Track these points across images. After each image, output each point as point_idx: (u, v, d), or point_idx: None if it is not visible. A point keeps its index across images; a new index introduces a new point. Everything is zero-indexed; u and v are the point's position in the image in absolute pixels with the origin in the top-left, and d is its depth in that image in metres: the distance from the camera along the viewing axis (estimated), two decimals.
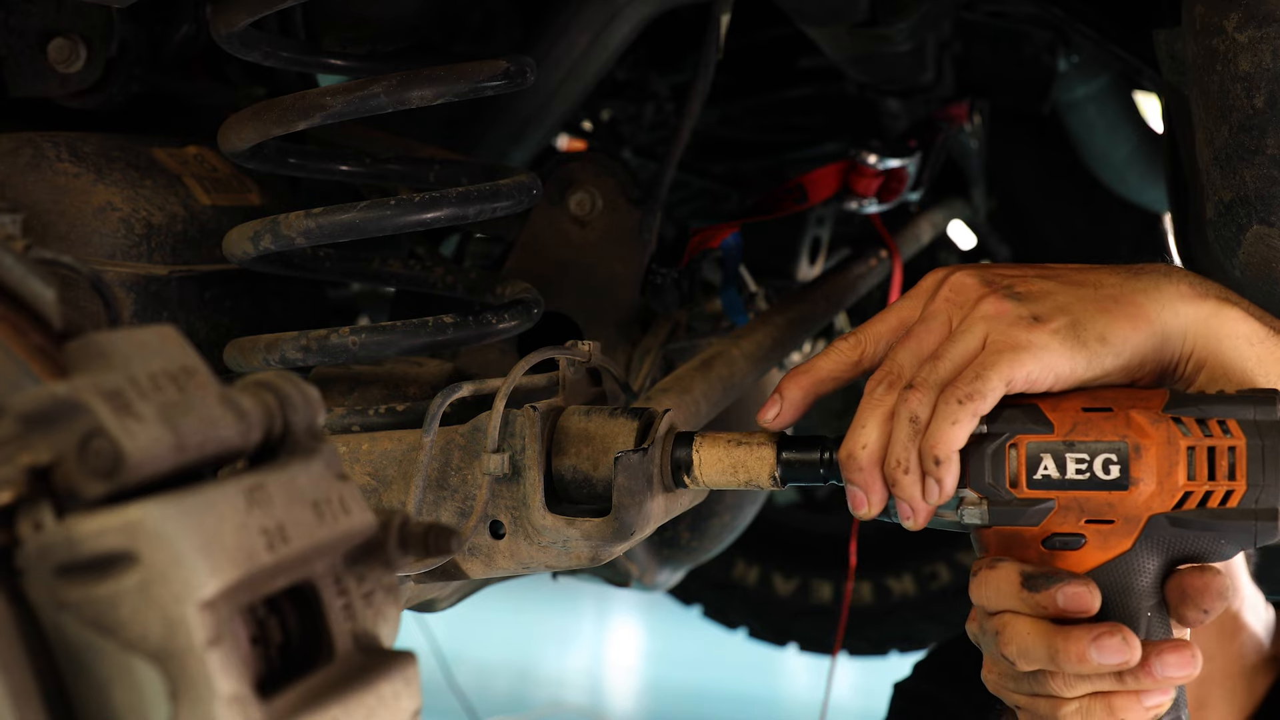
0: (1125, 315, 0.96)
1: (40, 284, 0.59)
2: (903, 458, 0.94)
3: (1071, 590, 0.89)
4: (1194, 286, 0.98)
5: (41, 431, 0.51)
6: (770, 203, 1.73)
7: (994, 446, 0.92)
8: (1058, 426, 0.92)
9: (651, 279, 1.44)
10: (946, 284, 1.00)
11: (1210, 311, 0.97)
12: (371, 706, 0.56)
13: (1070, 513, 0.92)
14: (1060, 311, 0.96)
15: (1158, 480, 0.91)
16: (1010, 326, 0.94)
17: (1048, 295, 0.97)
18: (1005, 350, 0.93)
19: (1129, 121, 2.28)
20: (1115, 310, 0.96)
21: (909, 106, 2.20)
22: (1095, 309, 0.96)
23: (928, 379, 0.94)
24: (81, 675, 0.50)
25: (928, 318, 0.99)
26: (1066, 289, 0.98)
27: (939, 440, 0.92)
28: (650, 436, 1.00)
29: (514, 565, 1.02)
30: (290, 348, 1.10)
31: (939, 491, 0.92)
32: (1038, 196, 2.52)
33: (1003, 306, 0.96)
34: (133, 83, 1.28)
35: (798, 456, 0.99)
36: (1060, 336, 0.94)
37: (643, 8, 1.57)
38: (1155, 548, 0.92)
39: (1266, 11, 1.04)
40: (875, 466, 0.95)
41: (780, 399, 1.00)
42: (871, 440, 0.95)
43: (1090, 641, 0.88)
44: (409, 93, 1.07)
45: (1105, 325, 0.95)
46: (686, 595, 2.94)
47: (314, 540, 0.56)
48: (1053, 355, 0.94)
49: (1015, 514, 0.93)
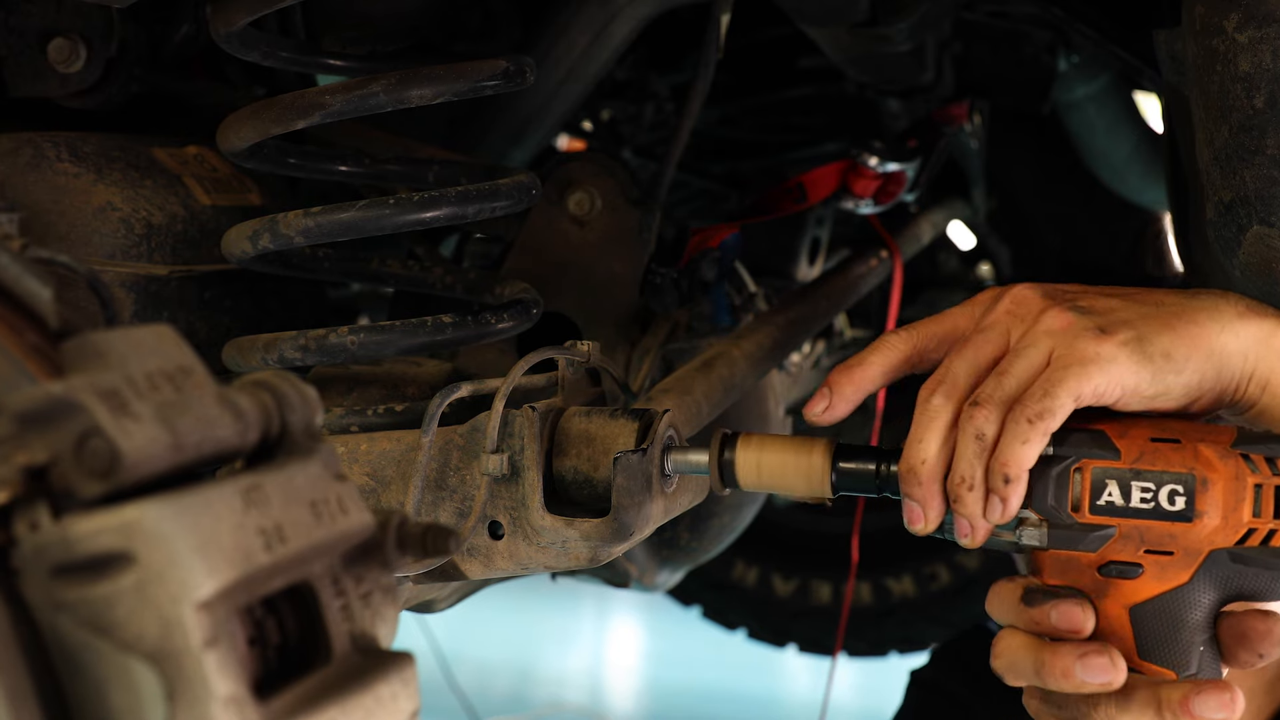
0: (1187, 333, 0.95)
1: (37, 283, 0.58)
2: (968, 475, 0.92)
3: (1065, 608, 0.89)
4: (1251, 307, 0.98)
5: (38, 431, 0.51)
6: (770, 203, 1.73)
7: (1059, 469, 0.91)
8: (1125, 453, 0.91)
9: (651, 279, 1.44)
10: (1007, 296, 0.99)
11: (1270, 331, 0.97)
12: (369, 708, 0.56)
13: (1130, 542, 0.91)
14: (1125, 325, 0.95)
15: (1222, 515, 0.89)
16: (1076, 339, 0.93)
17: (1111, 310, 0.96)
18: (1073, 364, 0.92)
19: (1129, 121, 2.28)
20: (1178, 327, 0.95)
21: (909, 106, 2.20)
22: (1159, 325, 0.95)
23: (993, 395, 0.93)
24: (78, 676, 0.50)
25: (986, 328, 0.97)
26: (1129, 305, 0.97)
27: (1010, 459, 0.90)
28: (650, 437, 1.00)
29: (513, 566, 1.02)
30: (288, 347, 1.10)
31: (1002, 511, 0.91)
32: (1038, 197, 2.52)
33: (1067, 319, 0.95)
34: (133, 83, 1.28)
35: (854, 467, 0.97)
36: (1128, 349, 0.93)
37: (642, 8, 1.57)
38: (1212, 583, 0.91)
39: (1266, 12, 1.03)
40: (935, 482, 0.93)
41: (830, 392, 0.98)
42: (931, 455, 0.93)
43: (1076, 658, 0.88)
44: (408, 92, 1.07)
45: (1170, 341, 0.95)
46: (686, 596, 2.94)
47: (311, 541, 0.56)
48: (1119, 368, 0.93)
49: (1075, 539, 0.91)
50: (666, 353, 1.42)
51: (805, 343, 1.98)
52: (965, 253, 2.69)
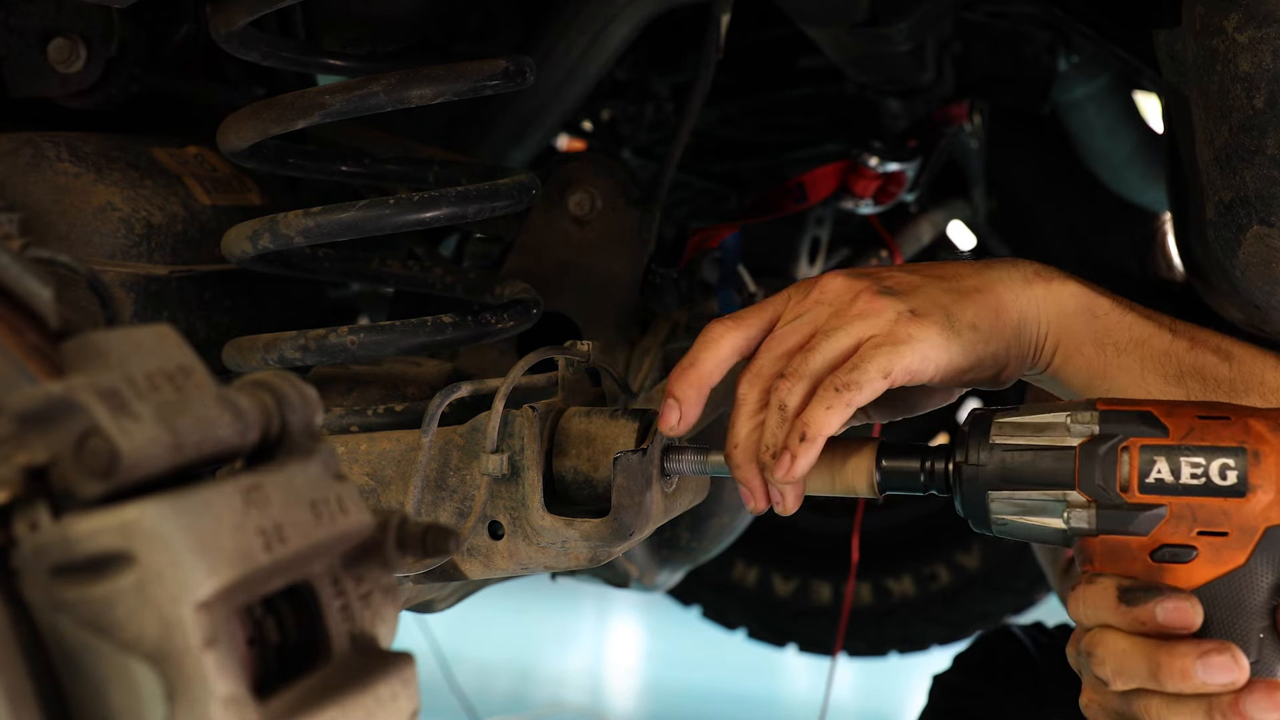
0: (987, 304, 1.00)
1: (37, 283, 0.58)
2: (771, 442, 0.95)
3: (1171, 604, 0.85)
4: (1039, 272, 1.03)
5: (38, 431, 0.51)
6: (770, 203, 1.73)
7: (1106, 448, 0.89)
8: (1172, 430, 0.88)
9: (651, 279, 1.44)
10: (817, 285, 1.01)
11: (1053, 290, 1.01)
12: (369, 708, 0.56)
13: (1182, 522, 0.88)
14: (933, 304, 0.98)
15: (1277, 489, 0.86)
16: (890, 322, 0.96)
17: (918, 289, 0.99)
18: (884, 344, 0.95)
19: (1129, 121, 2.28)
20: (979, 299, 1.00)
21: (909, 106, 2.20)
22: (962, 299, 0.99)
23: (798, 369, 0.96)
24: (78, 676, 0.50)
25: (794, 317, 1.00)
26: (933, 282, 1.01)
27: (810, 420, 0.93)
28: (649, 437, 1.00)
29: (512, 566, 1.02)
30: (289, 347, 1.10)
31: (790, 467, 0.93)
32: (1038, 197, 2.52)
33: (878, 303, 0.97)
34: (133, 83, 1.28)
35: (898, 465, 0.97)
36: (938, 328, 0.97)
37: (642, 8, 1.57)
38: (1272, 563, 0.87)
39: (1266, 12, 1.03)
40: (751, 461, 0.97)
41: (677, 404, 0.99)
42: (742, 437, 0.97)
43: (1197, 658, 0.83)
44: (408, 91, 1.07)
45: (974, 314, 0.99)
46: (686, 596, 2.94)
47: (311, 541, 0.56)
48: (930, 347, 0.96)
49: (1124, 519, 0.89)
50: (666, 353, 1.42)
51: None
52: (965, 253, 2.69)
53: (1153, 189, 2.29)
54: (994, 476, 0.92)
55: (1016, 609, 2.72)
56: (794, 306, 1.01)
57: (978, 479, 0.92)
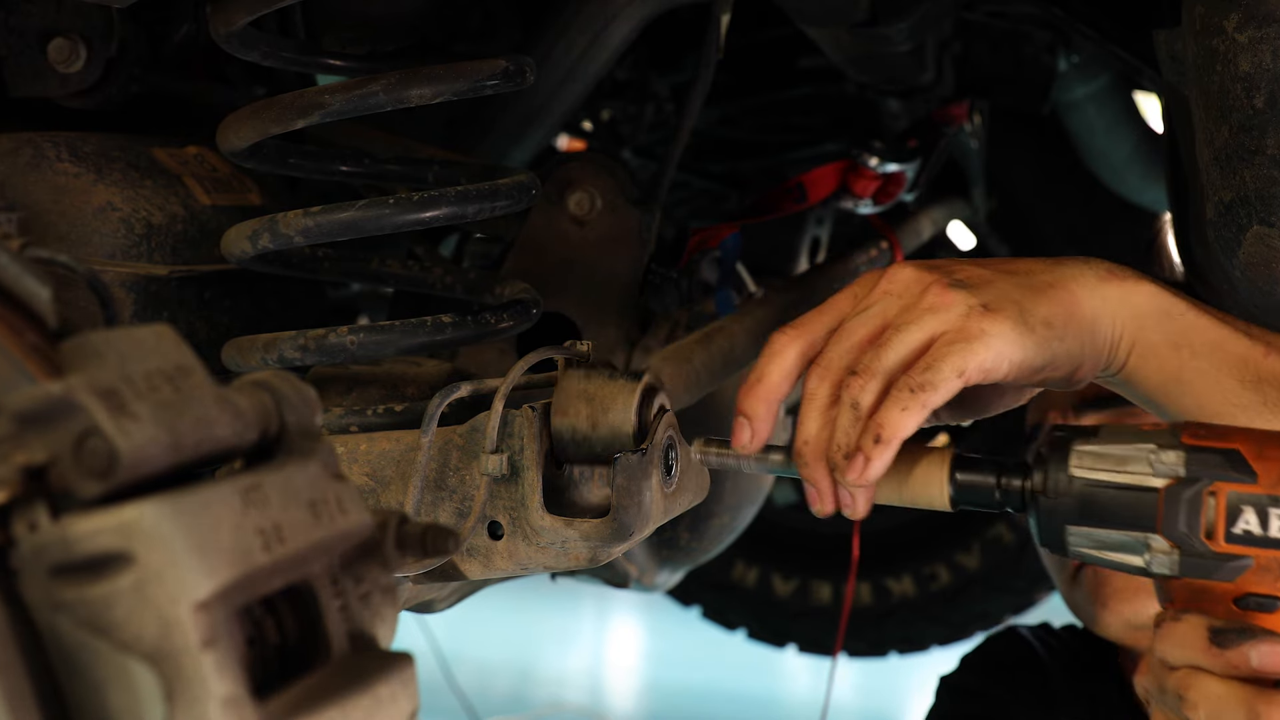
0: (1061, 300, 0.97)
1: (36, 282, 0.58)
2: (844, 442, 0.92)
3: (1267, 649, 0.82)
4: (1113, 270, 1.00)
5: (37, 431, 0.51)
6: (770, 202, 1.73)
7: (1191, 493, 0.85)
8: (1262, 476, 0.84)
9: (651, 279, 1.44)
10: (884, 278, 0.99)
11: (1129, 291, 0.99)
12: (368, 708, 0.56)
13: (1269, 573, 0.84)
14: (1006, 299, 0.95)
15: None
16: (962, 317, 0.94)
17: (989, 283, 0.97)
18: (958, 341, 0.92)
19: (1129, 121, 2.28)
20: (1052, 295, 0.97)
21: (909, 106, 2.20)
22: (1035, 295, 0.97)
23: (870, 365, 0.93)
24: (77, 676, 0.50)
25: (863, 310, 0.97)
26: (1004, 277, 0.98)
27: (885, 422, 0.90)
28: (649, 437, 1.00)
29: (512, 566, 1.02)
30: (288, 347, 1.10)
31: (864, 470, 0.90)
32: (1038, 197, 2.52)
33: (950, 297, 0.95)
34: (133, 83, 1.28)
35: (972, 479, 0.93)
36: (1011, 323, 0.94)
37: (642, 8, 1.57)
38: None
39: (1266, 12, 1.03)
40: (821, 460, 0.94)
41: (747, 421, 0.97)
42: (812, 434, 0.94)
43: None
44: (408, 91, 1.07)
45: (1048, 310, 0.96)
46: (686, 596, 2.94)
47: (310, 541, 0.56)
48: (1005, 343, 0.93)
49: (1209, 568, 0.85)
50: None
51: None
52: (965, 253, 2.69)
53: (1153, 189, 2.29)
54: (1073, 511, 0.89)
55: (1016, 609, 2.72)
56: (861, 300, 0.98)
57: (1056, 511, 0.89)
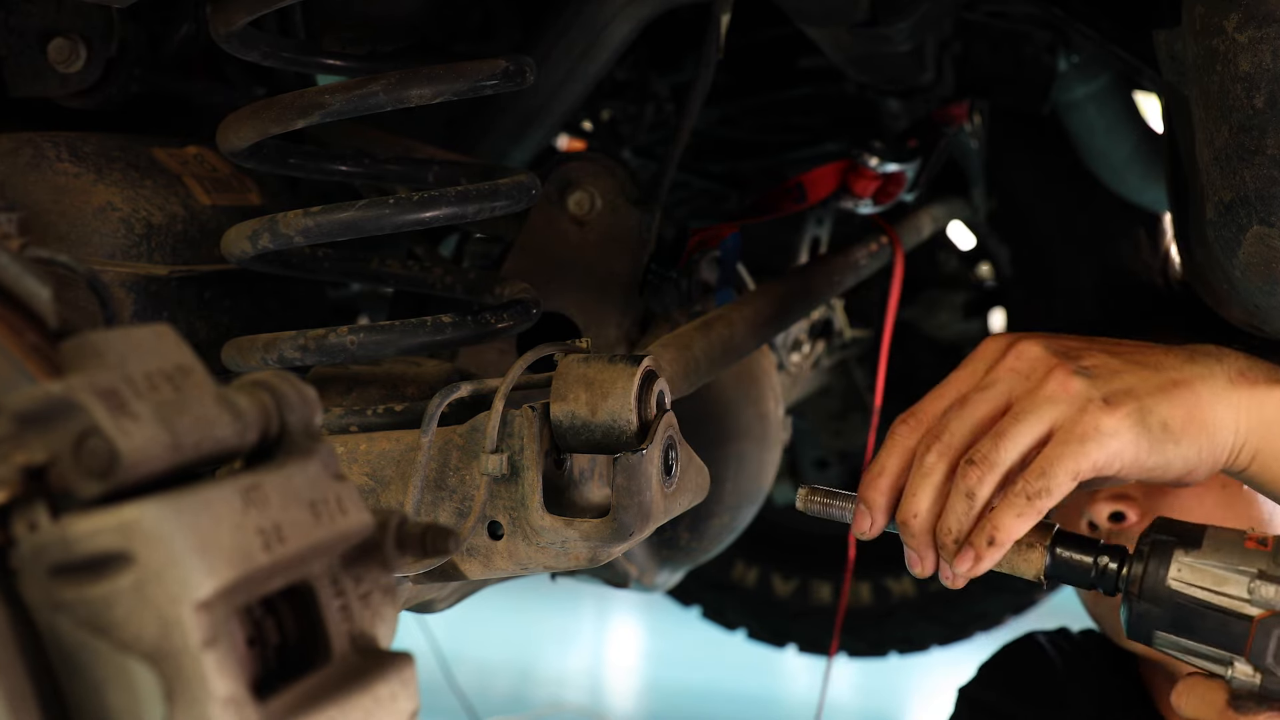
0: (1184, 402, 0.96)
1: (36, 282, 0.58)
2: (954, 528, 0.95)
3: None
4: (1244, 371, 0.99)
5: (37, 431, 0.51)
6: (770, 203, 1.73)
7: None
8: None
9: (651, 279, 1.44)
10: (1011, 352, 0.99)
11: (1260, 399, 0.98)
12: (368, 708, 0.56)
13: None
14: (1128, 395, 0.95)
15: None
16: (1080, 411, 0.94)
17: (1115, 374, 0.97)
18: (1073, 441, 0.93)
19: (1129, 121, 2.28)
20: (1176, 396, 0.96)
21: (909, 106, 2.20)
22: (1159, 394, 0.96)
23: (988, 456, 0.95)
24: (77, 676, 0.50)
25: (986, 386, 0.98)
26: (1132, 369, 0.98)
27: (1000, 525, 0.93)
28: (649, 437, 1.00)
29: (512, 566, 1.02)
30: (288, 347, 1.10)
31: (972, 566, 0.94)
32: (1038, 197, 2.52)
33: (1072, 385, 0.95)
34: (133, 83, 1.28)
35: (1071, 556, 0.98)
36: (1129, 422, 0.94)
37: (642, 8, 1.57)
38: None
39: (1266, 12, 1.03)
40: (927, 534, 0.97)
41: (869, 511, 1.00)
42: (924, 510, 0.97)
43: None
44: (408, 91, 1.07)
45: (1168, 412, 0.96)
46: (686, 596, 2.94)
47: (311, 541, 0.56)
48: (1120, 443, 0.94)
49: None
50: None
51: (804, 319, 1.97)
52: (965, 253, 2.69)
53: (1153, 189, 2.29)
54: (1165, 620, 0.93)
55: (1016, 609, 2.72)
56: (985, 373, 1.00)
57: (1148, 615, 0.93)
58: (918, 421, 1.01)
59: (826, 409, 2.55)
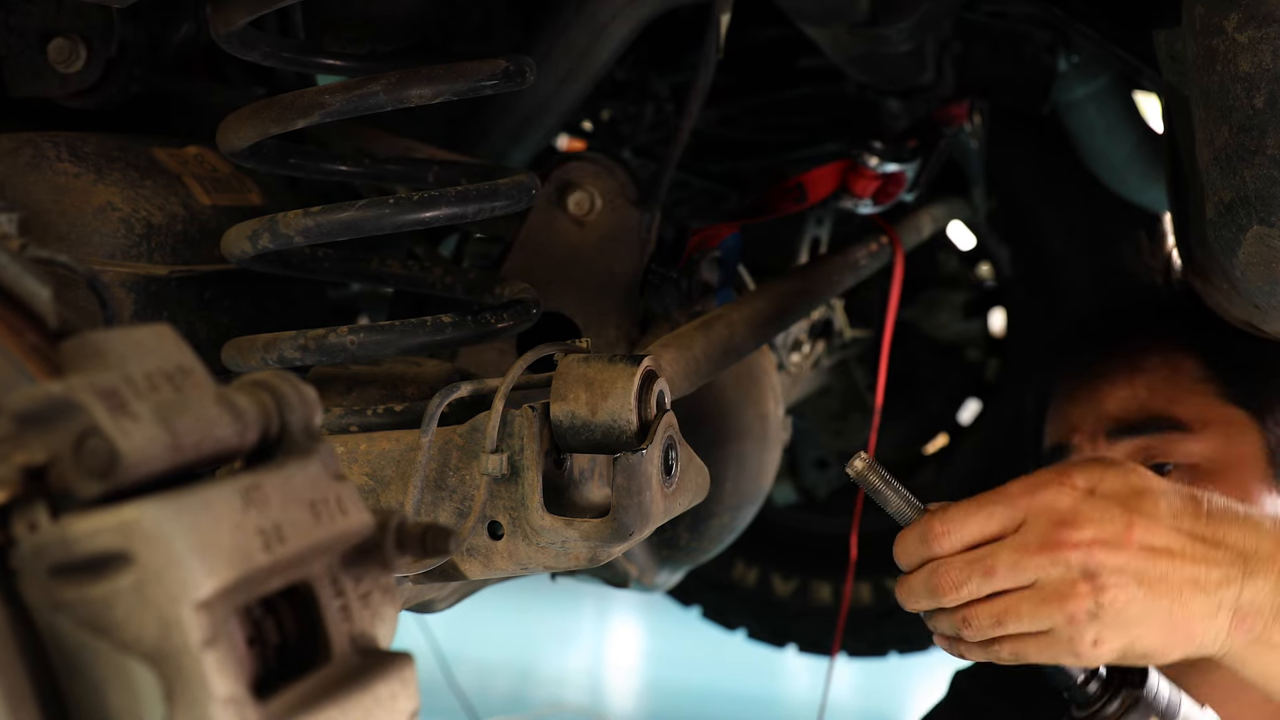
0: (1181, 639, 1.06)
1: (35, 282, 0.58)
2: (948, 628, 1.11)
3: None
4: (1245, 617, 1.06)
5: (37, 431, 0.51)
6: (770, 203, 1.73)
7: None
8: None
9: (651, 279, 1.44)
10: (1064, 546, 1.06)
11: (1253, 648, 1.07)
12: (368, 708, 0.56)
13: None
14: (1124, 633, 1.05)
15: None
16: (1076, 638, 1.05)
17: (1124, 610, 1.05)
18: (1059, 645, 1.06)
19: (1129, 121, 2.28)
20: (1174, 633, 1.06)
21: (909, 106, 2.20)
22: (1160, 630, 1.06)
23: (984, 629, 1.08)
24: (77, 676, 0.50)
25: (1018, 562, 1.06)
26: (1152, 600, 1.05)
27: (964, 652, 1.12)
28: (649, 437, 0.99)
29: (512, 566, 1.02)
30: (288, 347, 1.10)
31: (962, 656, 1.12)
32: (1038, 197, 2.52)
33: (1080, 613, 1.04)
34: (133, 83, 1.28)
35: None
36: (1113, 655, 1.06)
37: (642, 8, 1.57)
38: None
39: (1266, 12, 1.03)
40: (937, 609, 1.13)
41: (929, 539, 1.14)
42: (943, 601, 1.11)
43: None
44: (408, 91, 1.07)
45: (1153, 646, 1.06)
46: (686, 596, 2.94)
47: (311, 541, 0.56)
48: (1092, 661, 1.07)
49: None
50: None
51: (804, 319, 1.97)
52: (965, 253, 2.69)
53: (1153, 189, 2.29)
54: None
55: None
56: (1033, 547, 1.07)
57: None
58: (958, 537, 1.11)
59: (826, 409, 2.55)
